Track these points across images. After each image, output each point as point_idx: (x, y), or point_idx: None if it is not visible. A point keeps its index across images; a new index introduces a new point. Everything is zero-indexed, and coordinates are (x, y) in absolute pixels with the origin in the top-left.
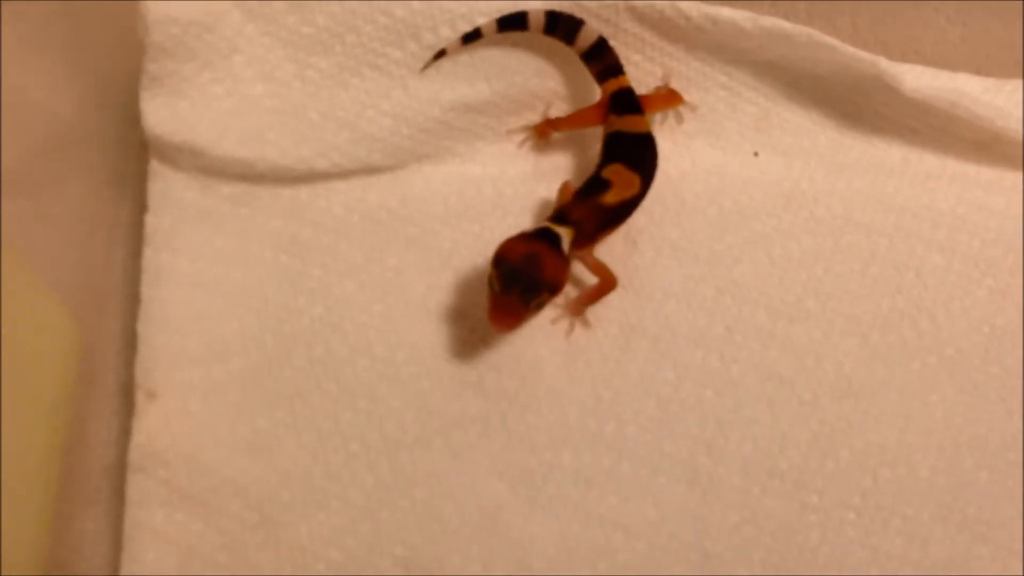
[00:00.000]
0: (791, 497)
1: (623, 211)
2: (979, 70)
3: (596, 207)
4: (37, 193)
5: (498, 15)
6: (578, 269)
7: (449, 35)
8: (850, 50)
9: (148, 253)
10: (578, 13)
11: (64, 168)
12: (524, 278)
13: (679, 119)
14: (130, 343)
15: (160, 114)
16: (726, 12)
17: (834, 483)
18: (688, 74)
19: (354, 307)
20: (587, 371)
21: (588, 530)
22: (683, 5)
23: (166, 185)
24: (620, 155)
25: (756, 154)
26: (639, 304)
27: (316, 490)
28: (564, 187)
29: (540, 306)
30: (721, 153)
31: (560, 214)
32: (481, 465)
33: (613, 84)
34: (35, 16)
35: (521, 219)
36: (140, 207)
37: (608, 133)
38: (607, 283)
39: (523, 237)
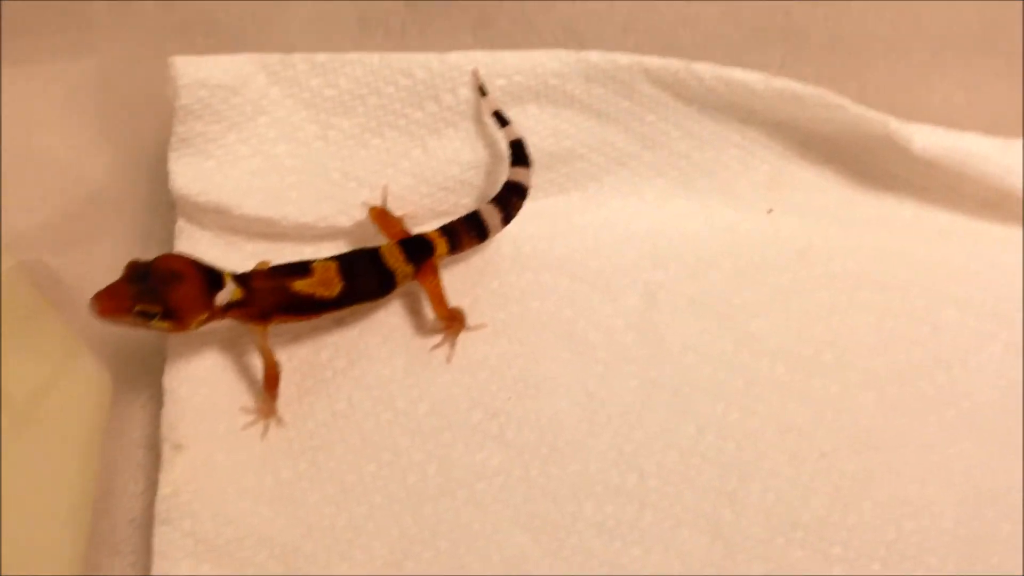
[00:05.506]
0: (815, 548)
1: (310, 307)
2: (985, 131)
3: (280, 286)
4: (68, 252)
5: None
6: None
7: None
8: (860, 110)
9: None
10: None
11: (94, 228)
12: (151, 283)
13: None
14: (155, 396)
15: (187, 174)
16: (738, 74)
17: (858, 534)
18: (702, 134)
19: (377, 361)
20: (608, 424)
21: None
22: (696, 67)
23: (192, 244)
24: (347, 257)
25: (770, 211)
26: (659, 358)
27: (340, 541)
28: (260, 264)
29: (146, 317)
30: (734, 211)
31: (245, 275)
32: (504, 516)
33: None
34: (68, 79)
35: (540, 275)
36: None
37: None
38: (270, 370)
39: (192, 263)
